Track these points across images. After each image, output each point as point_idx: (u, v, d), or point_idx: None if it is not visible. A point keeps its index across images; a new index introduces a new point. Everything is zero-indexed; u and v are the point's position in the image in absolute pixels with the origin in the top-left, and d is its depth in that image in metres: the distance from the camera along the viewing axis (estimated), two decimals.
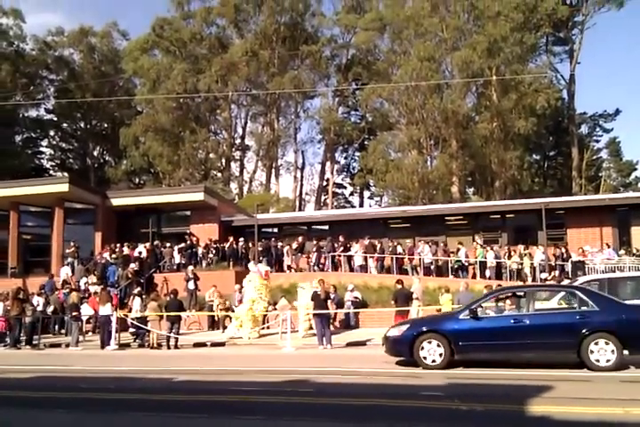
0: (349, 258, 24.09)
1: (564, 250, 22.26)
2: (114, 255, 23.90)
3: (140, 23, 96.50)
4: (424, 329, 11.07)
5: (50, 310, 19.82)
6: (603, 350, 10.08)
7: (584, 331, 10.19)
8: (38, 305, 19.24)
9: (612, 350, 10.04)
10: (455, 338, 10.71)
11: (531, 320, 10.50)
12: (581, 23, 48.77)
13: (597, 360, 10.08)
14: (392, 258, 23.56)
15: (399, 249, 23.91)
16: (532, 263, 22.01)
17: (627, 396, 7.79)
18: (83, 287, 21.61)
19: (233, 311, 19.23)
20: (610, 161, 56.52)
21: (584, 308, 10.57)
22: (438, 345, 10.73)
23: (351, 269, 23.88)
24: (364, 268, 23.71)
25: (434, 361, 10.74)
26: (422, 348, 10.79)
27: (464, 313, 11.08)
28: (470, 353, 10.78)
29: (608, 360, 10.04)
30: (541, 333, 10.35)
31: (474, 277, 22.72)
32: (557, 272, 20.95)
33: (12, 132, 52.43)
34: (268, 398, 8.45)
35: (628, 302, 12.93)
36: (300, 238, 25.22)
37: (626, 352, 10.25)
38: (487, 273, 22.45)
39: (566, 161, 51.85)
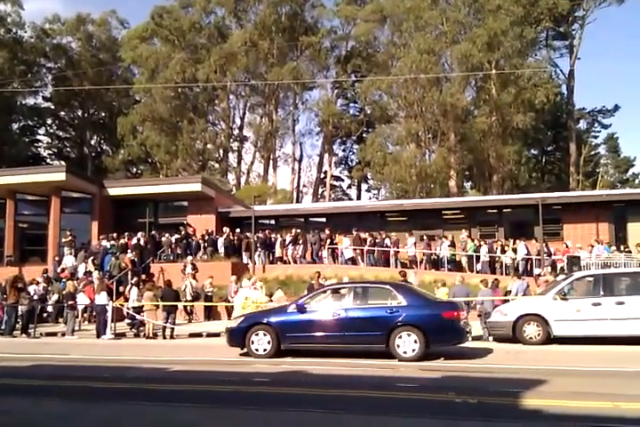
0: (336, 251, 24.10)
1: (543, 245, 22.34)
2: (111, 243, 23.90)
3: (139, 11, 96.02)
4: (255, 321, 12.09)
5: (54, 298, 19.84)
6: (408, 342, 10.92)
7: (392, 324, 11.04)
8: (35, 294, 19.28)
9: (416, 342, 10.89)
10: (282, 330, 11.68)
11: (348, 314, 11.38)
12: (582, 18, 48.64)
13: (403, 351, 10.92)
14: (379, 251, 23.57)
15: (387, 242, 23.92)
16: (515, 258, 22.17)
17: (617, 390, 7.88)
18: (81, 276, 21.63)
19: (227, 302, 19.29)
20: (607, 157, 56.69)
21: (395, 303, 11.39)
22: (266, 336, 11.70)
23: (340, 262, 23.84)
24: (351, 261, 23.73)
25: (263, 350, 11.67)
26: (253, 339, 11.77)
27: (292, 307, 12.03)
28: (294, 344, 11.71)
29: (412, 351, 10.87)
30: (356, 325, 11.24)
31: (462, 270, 22.74)
32: (550, 268, 21.05)
33: (9, 119, 52.18)
34: (262, 388, 8.53)
35: (622, 297, 13.12)
36: (293, 231, 25.24)
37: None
38: (478, 267, 22.53)
39: (564, 156, 51.90)
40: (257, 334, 11.76)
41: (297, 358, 11.51)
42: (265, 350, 11.66)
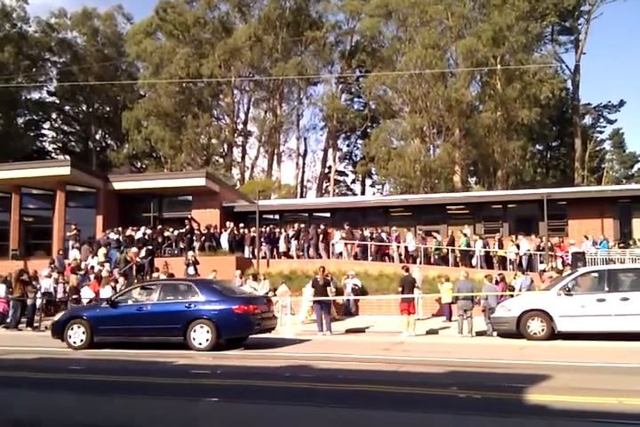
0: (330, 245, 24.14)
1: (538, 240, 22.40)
2: (117, 237, 24.01)
3: (144, 6, 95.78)
4: (73, 315, 13.35)
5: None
6: (202, 334, 12.01)
7: (189, 318, 12.14)
8: (43, 288, 19.27)
9: (209, 334, 11.96)
10: (95, 323, 12.78)
11: (152, 308, 12.52)
12: (588, 13, 48.45)
13: (198, 342, 12.01)
14: (373, 245, 23.58)
15: (383, 236, 23.93)
16: (517, 253, 22.20)
17: (620, 386, 7.88)
18: (90, 268, 21.73)
19: None
20: (613, 152, 56.46)
21: (194, 298, 12.43)
22: (82, 329, 12.79)
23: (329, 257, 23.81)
24: (341, 255, 23.74)
25: (77, 342, 12.77)
26: (70, 331, 12.84)
27: (105, 302, 13.31)
28: (105, 336, 12.83)
29: (205, 342, 11.96)
30: (158, 319, 12.30)
31: (456, 265, 22.76)
32: (554, 263, 21.04)
33: (14, 114, 52.30)
34: (266, 382, 8.53)
35: (627, 293, 13.08)
36: (296, 225, 25.23)
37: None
38: (473, 262, 22.54)
39: (569, 152, 51.74)
40: (73, 328, 12.84)
41: (115, 349, 12.47)
42: (80, 341, 12.71)
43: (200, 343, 11.96)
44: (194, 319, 12.10)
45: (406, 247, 23.65)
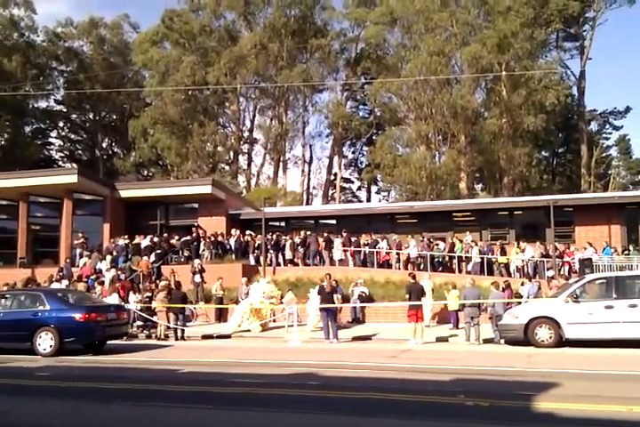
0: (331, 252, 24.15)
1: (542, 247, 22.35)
2: (124, 244, 24.08)
3: (150, 15, 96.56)
4: None
5: None
6: (46, 341, 13.05)
7: (35, 326, 13.16)
8: None
9: (52, 341, 12.99)
10: None
11: (2, 317, 13.51)
12: (592, 19, 48.39)
13: (43, 348, 13.04)
14: (373, 252, 23.62)
15: (383, 244, 23.94)
16: (522, 260, 22.14)
17: (630, 394, 7.83)
18: (98, 271, 21.84)
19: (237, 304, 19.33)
20: (619, 159, 56.26)
21: (41, 307, 13.46)
22: None
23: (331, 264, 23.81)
24: (343, 262, 23.75)
25: None
26: None
27: None
28: None
29: (49, 348, 12.99)
30: (8, 327, 13.25)
31: (455, 271, 22.82)
32: (561, 270, 20.93)
33: (21, 122, 52.65)
34: (271, 390, 8.52)
35: (635, 300, 13.00)
36: (302, 233, 25.22)
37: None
38: (469, 268, 22.48)
39: (575, 158, 51.59)
40: None
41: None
42: None
43: (44, 349, 12.96)
44: (39, 327, 13.11)
45: (408, 254, 23.57)
